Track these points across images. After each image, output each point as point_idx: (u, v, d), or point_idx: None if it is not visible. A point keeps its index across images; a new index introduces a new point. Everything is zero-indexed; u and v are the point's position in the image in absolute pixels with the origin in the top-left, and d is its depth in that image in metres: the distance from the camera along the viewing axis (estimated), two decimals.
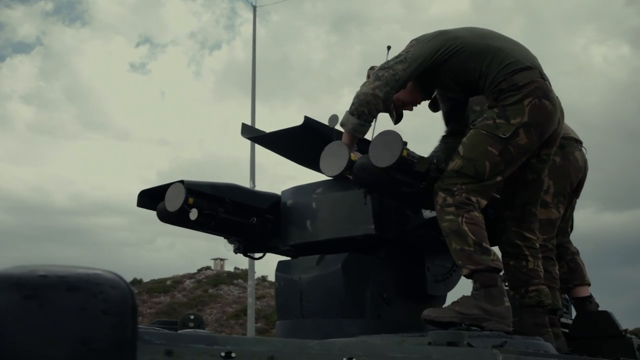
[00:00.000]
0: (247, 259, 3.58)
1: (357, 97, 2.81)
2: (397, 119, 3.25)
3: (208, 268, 37.88)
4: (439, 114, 3.42)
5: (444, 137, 3.35)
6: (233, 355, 1.39)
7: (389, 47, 3.36)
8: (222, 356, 1.38)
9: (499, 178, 2.78)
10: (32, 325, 0.70)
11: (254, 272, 16.64)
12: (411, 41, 3.00)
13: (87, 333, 0.72)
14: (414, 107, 3.28)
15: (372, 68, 3.30)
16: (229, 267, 38.23)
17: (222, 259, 38.32)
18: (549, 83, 2.88)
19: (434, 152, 3.27)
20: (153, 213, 3.16)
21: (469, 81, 2.94)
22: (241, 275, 34.30)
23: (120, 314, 0.75)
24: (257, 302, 22.92)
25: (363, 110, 2.78)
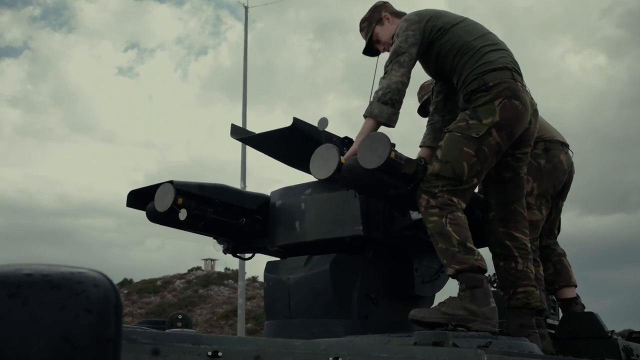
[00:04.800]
0: (237, 259, 3.59)
1: (388, 86, 2.85)
2: (366, 49, 3.35)
3: (198, 268, 37.79)
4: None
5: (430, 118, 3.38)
6: (220, 354, 1.40)
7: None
8: (208, 355, 1.39)
9: (475, 180, 2.83)
10: (14, 323, 0.71)
11: (245, 273, 16.66)
12: (410, 15, 3.06)
13: (69, 331, 0.73)
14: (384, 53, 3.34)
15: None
16: (219, 268, 38.17)
17: (212, 260, 38.23)
18: (522, 84, 2.93)
19: (423, 139, 3.30)
20: (141, 214, 3.16)
21: (445, 70, 3.05)
22: (231, 276, 34.23)
23: (102, 312, 0.76)
24: (247, 303, 22.91)
25: (396, 98, 2.85)
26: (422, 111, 4.05)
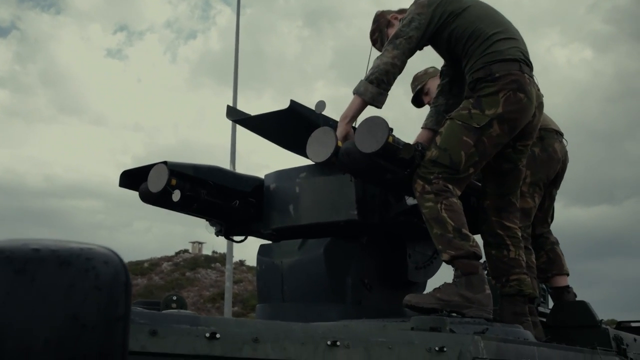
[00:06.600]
0: (225, 242, 3.58)
1: (377, 66, 2.83)
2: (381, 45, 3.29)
3: (186, 251, 37.79)
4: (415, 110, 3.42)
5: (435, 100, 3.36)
6: (217, 336, 1.38)
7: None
8: (206, 337, 1.37)
9: (471, 170, 2.80)
10: (21, 301, 0.69)
11: (232, 256, 16.63)
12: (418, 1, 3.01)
13: (78, 309, 0.71)
14: None
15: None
16: (207, 251, 38.19)
17: (200, 243, 38.25)
18: (529, 76, 2.89)
19: (426, 121, 3.29)
20: (129, 196, 3.13)
21: (456, 54, 3.02)
22: (219, 259, 34.26)
23: (112, 290, 0.74)
24: (234, 286, 22.93)
25: (383, 79, 2.82)
26: (416, 101, 4.04)
